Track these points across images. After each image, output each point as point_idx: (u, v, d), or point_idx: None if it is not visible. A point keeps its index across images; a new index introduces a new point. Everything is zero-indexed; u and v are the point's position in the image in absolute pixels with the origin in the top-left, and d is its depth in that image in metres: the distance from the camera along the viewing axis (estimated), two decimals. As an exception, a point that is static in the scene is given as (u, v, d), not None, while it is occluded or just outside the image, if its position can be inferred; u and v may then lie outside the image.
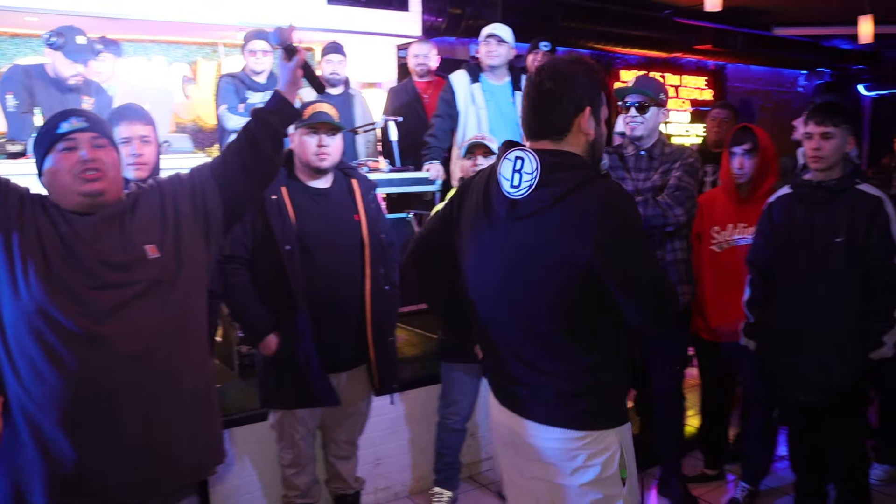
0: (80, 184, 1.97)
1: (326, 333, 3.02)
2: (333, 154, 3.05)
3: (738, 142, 3.56)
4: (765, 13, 9.34)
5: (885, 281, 2.99)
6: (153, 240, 2.05)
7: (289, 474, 3.22)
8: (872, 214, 3.00)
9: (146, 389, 1.99)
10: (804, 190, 3.18)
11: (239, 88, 4.74)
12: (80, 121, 2.01)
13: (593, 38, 8.37)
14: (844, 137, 3.07)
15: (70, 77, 4.05)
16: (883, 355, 3.01)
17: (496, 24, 4.77)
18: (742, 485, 3.78)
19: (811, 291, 3.10)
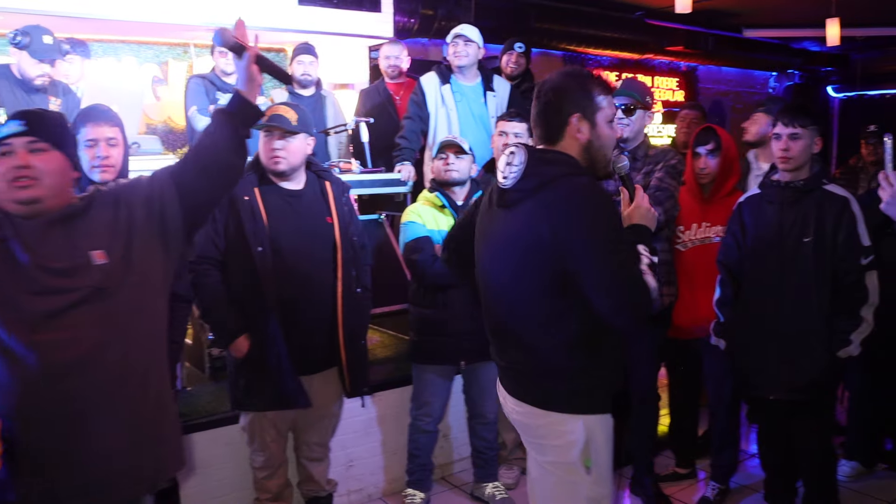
0: (14, 191, 1.91)
1: (298, 335, 3.01)
2: (289, 157, 3.02)
3: (701, 142, 3.62)
4: (735, 15, 9.43)
5: (852, 281, 3.03)
6: (102, 245, 1.97)
7: (260, 477, 3.21)
8: (839, 214, 3.04)
9: (78, 402, 1.92)
10: (772, 190, 3.21)
11: (209, 89, 4.70)
12: (18, 125, 1.93)
13: (566, 39, 8.40)
14: (812, 138, 3.12)
15: (36, 77, 4.00)
16: (850, 353, 3.05)
17: (463, 25, 4.77)
18: (712, 483, 3.81)
19: (780, 291, 3.13)
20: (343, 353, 3.13)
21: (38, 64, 3.98)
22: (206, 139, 2.14)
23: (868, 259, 3.02)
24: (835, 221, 3.05)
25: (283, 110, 3.03)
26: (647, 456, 3.80)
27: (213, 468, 3.45)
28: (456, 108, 4.70)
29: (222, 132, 2.14)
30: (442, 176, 3.54)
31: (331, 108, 5.13)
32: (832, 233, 3.05)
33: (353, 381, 3.19)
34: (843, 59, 11.76)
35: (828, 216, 3.06)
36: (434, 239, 3.47)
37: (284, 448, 3.25)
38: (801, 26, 9.85)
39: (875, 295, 3.02)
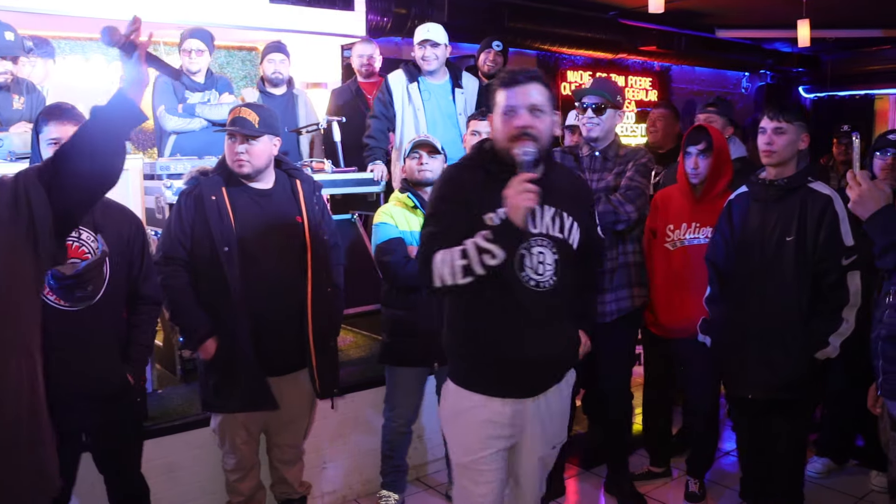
0: None
1: (267, 336, 2.98)
2: (252, 160, 2.98)
3: (692, 141, 3.56)
4: (708, 15, 9.49)
5: (833, 281, 3.00)
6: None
7: (232, 479, 3.17)
8: (822, 213, 3.01)
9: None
10: (757, 188, 3.19)
11: (177, 88, 4.64)
12: None
13: (540, 38, 8.41)
14: (798, 134, 3.09)
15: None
16: (828, 355, 3.04)
17: (428, 27, 4.71)
18: (690, 479, 3.82)
19: (761, 290, 3.12)
20: (313, 353, 3.10)
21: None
22: (82, 140, 1.94)
23: (850, 259, 2.98)
24: (817, 220, 3.02)
25: (245, 112, 2.99)
26: (621, 455, 3.80)
27: (185, 471, 3.41)
28: (423, 106, 4.68)
29: (101, 135, 1.95)
30: (415, 176, 3.51)
31: (302, 107, 5.10)
32: (814, 232, 3.02)
33: (323, 383, 3.16)
34: (813, 60, 11.89)
35: (810, 215, 3.03)
36: (406, 240, 3.44)
37: (256, 450, 3.22)
38: (772, 27, 9.93)
39: (857, 296, 2.99)
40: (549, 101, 2.36)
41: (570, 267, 2.44)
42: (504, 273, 2.29)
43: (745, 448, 3.49)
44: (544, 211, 2.39)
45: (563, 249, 2.42)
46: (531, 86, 2.31)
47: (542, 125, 2.32)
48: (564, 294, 2.44)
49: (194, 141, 4.58)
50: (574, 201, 2.49)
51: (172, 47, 5.11)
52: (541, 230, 2.38)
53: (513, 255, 2.27)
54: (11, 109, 4.04)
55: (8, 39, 3.89)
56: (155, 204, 3.86)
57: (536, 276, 2.37)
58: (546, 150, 2.37)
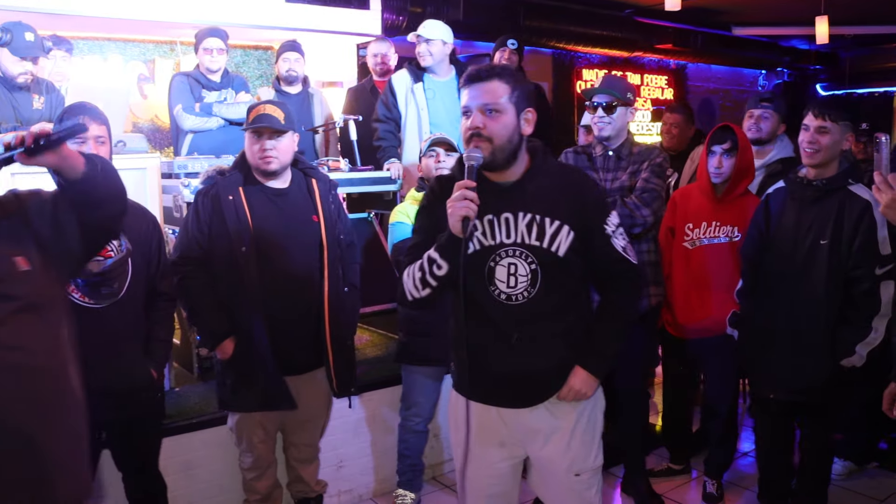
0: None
1: (284, 335, 2.99)
2: (280, 157, 2.99)
3: (718, 140, 3.49)
4: (724, 13, 9.44)
5: (866, 289, 2.93)
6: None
7: (249, 478, 3.18)
8: (859, 218, 2.93)
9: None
10: (795, 187, 3.12)
11: (193, 87, 4.66)
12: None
13: (555, 36, 8.40)
14: (842, 134, 3.00)
15: (18, 75, 3.95)
16: (853, 364, 2.99)
17: (424, 24, 4.69)
18: (708, 480, 3.80)
19: (792, 291, 3.06)
20: (330, 353, 3.10)
21: (19, 61, 3.93)
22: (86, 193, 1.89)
23: (885, 269, 2.90)
24: (854, 225, 2.93)
25: (270, 109, 2.99)
26: (638, 455, 3.78)
27: (202, 469, 3.42)
28: (427, 105, 4.66)
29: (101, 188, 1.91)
30: (433, 174, 3.49)
31: (318, 105, 5.10)
32: (850, 237, 2.94)
33: (340, 382, 3.16)
34: (831, 58, 11.79)
35: (847, 219, 2.94)
36: (422, 239, 3.43)
37: (273, 449, 3.22)
38: (790, 24, 9.87)
39: (888, 306, 2.90)
40: (513, 98, 2.18)
41: (557, 279, 2.24)
42: (474, 286, 2.22)
43: (765, 449, 3.46)
44: (518, 218, 2.23)
45: (544, 259, 2.22)
46: (487, 84, 2.16)
47: (496, 125, 2.15)
48: (548, 308, 2.26)
49: (211, 140, 4.59)
50: (567, 205, 2.25)
51: (189, 47, 5.13)
52: (514, 239, 2.23)
53: (455, 264, 2.14)
54: (31, 109, 4.06)
55: (28, 40, 3.91)
56: (172, 203, 3.87)
57: (508, 288, 2.23)
58: (507, 151, 2.19)
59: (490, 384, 2.33)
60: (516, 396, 2.33)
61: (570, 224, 2.23)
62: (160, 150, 5.84)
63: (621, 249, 2.32)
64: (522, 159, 2.26)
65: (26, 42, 3.90)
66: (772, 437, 3.39)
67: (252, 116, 2.97)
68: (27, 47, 3.91)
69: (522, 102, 2.21)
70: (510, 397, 2.33)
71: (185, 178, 3.85)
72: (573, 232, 2.23)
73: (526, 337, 2.25)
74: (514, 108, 2.18)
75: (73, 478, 1.93)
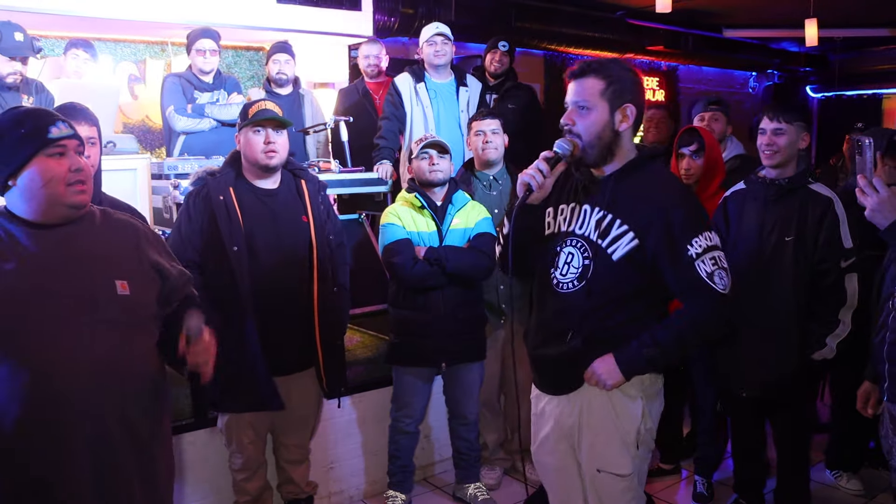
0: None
1: (274, 336, 2.99)
2: (281, 151, 3.01)
3: (685, 143, 3.59)
4: (715, 15, 9.47)
5: (832, 283, 3.03)
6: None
7: (239, 479, 3.18)
8: (822, 215, 3.03)
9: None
10: (757, 187, 3.20)
11: (186, 88, 4.65)
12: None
13: (547, 38, 8.40)
14: (798, 134, 3.10)
15: (7, 75, 3.94)
16: (824, 356, 3.06)
17: (439, 24, 4.77)
18: (698, 478, 3.82)
19: (759, 289, 3.12)
20: (320, 353, 3.11)
21: (8, 62, 3.92)
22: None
23: (849, 261, 3.01)
24: (817, 222, 3.04)
25: (270, 105, 3.02)
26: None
27: (191, 470, 3.41)
28: (431, 105, 4.71)
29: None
30: (426, 177, 3.49)
31: (308, 106, 5.10)
32: (814, 233, 3.04)
33: (331, 382, 3.17)
34: (821, 60, 11.85)
35: (810, 216, 3.05)
36: (413, 240, 3.44)
37: (263, 450, 3.22)
38: (780, 27, 9.91)
39: (854, 298, 3.02)
40: (606, 94, 2.19)
41: (604, 281, 2.24)
42: (545, 267, 2.36)
43: (739, 446, 3.52)
44: (593, 212, 2.27)
45: (598, 257, 2.24)
46: (582, 80, 2.21)
47: (584, 123, 2.20)
48: (587, 306, 2.26)
49: (203, 141, 4.59)
50: (643, 214, 2.21)
51: (180, 47, 5.12)
52: (583, 231, 2.27)
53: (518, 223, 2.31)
54: (23, 110, 4.06)
55: (17, 40, 3.90)
56: (162, 203, 3.86)
57: (560, 276, 2.31)
58: (597, 147, 2.22)
59: (536, 366, 2.47)
60: (553, 380, 2.43)
61: (638, 232, 2.20)
62: (151, 151, 5.82)
63: (705, 275, 2.19)
64: (621, 156, 2.27)
65: (15, 42, 3.89)
66: (745, 433, 3.46)
67: (253, 111, 2.98)
68: (16, 47, 3.90)
69: (618, 98, 2.20)
70: (550, 380, 2.45)
71: (175, 179, 3.84)
72: (637, 241, 2.20)
73: (569, 327, 2.30)
74: (608, 105, 2.20)
75: (169, 470, 2.13)
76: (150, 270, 2.06)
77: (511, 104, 5.01)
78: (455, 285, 3.45)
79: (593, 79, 2.19)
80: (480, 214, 3.57)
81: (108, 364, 1.91)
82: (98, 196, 2.79)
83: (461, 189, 3.62)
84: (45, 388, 1.82)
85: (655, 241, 2.19)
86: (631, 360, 2.24)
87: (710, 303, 2.22)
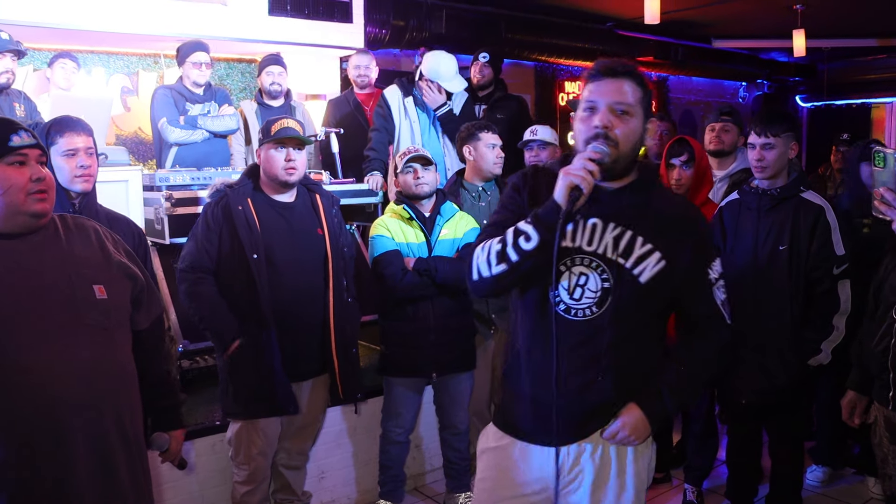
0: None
1: (290, 343, 3.06)
2: (300, 168, 3.10)
3: (675, 153, 3.62)
4: (704, 26, 9.54)
5: (825, 289, 3.07)
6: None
7: (242, 492, 3.17)
8: (814, 223, 3.08)
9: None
10: (750, 197, 3.24)
11: (177, 100, 4.69)
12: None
13: (537, 49, 8.45)
14: (786, 146, 3.15)
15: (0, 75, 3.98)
16: (820, 362, 3.10)
17: (441, 69, 4.79)
18: (688, 487, 3.84)
19: (755, 297, 3.16)
20: (335, 361, 3.18)
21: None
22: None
23: (841, 268, 3.06)
24: (810, 230, 3.08)
25: (292, 123, 3.11)
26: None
27: (186, 480, 3.41)
28: (419, 119, 4.76)
29: None
30: (412, 190, 3.52)
31: (300, 118, 5.12)
32: (807, 241, 3.08)
33: (346, 388, 3.23)
34: (810, 70, 11.94)
35: (803, 224, 3.09)
36: (402, 252, 3.47)
37: (270, 463, 3.24)
38: (768, 37, 9.99)
39: (847, 303, 3.06)
40: (643, 103, 1.94)
41: (629, 306, 1.96)
42: (538, 287, 1.99)
43: (735, 453, 3.54)
44: (607, 228, 1.97)
45: (621, 280, 1.95)
46: (622, 81, 1.92)
47: (626, 129, 1.91)
48: (612, 336, 1.96)
49: (195, 152, 4.62)
50: (668, 232, 1.98)
51: (173, 59, 5.15)
52: (595, 248, 1.97)
53: (551, 237, 1.83)
54: (16, 116, 4.08)
55: (3, 38, 3.92)
56: (154, 215, 3.88)
57: (570, 299, 1.97)
58: (628, 160, 1.95)
59: (525, 407, 2.09)
60: (564, 429, 2.01)
61: (664, 253, 1.96)
62: (143, 163, 5.85)
63: (720, 303, 2.05)
64: (632, 171, 2.02)
65: (2, 40, 3.92)
66: (740, 441, 3.49)
67: (275, 129, 3.05)
68: (3, 43, 3.93)
69: (648, 110, 1.97)
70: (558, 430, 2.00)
71: (167, 191, 3.86)
72: (665, 262, 1.96)
73: (585, 362, 1.98)
74: (644, 114, 1.95)
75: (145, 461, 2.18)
76: (119, 272, 2.10)
77: (500, 114, 5.06)
78: (444, 296, 3.47)
79: (632, 83, 1.93)
80: (469, 225, 3.61)
81: (97, 366, 1.96)
82: (94, 207, 2.82)
83: (449, 200, 3.65)
84: (42, 396, 1.86)
85: (686, 262, 1.99)
86: (661, 412, 2.01)
87: (727, 334, 2.08)
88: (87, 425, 1.92)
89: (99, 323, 1.98)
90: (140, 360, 2.15)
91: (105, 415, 1.97)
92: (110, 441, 1.98)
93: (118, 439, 2.00)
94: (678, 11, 7.98)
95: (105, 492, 1.97)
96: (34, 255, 1.95)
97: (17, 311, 1.87)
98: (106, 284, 2.03)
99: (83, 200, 2.78)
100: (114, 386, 2.01)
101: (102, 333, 1.99)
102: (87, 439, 1.93)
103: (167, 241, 3.79)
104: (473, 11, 7.67)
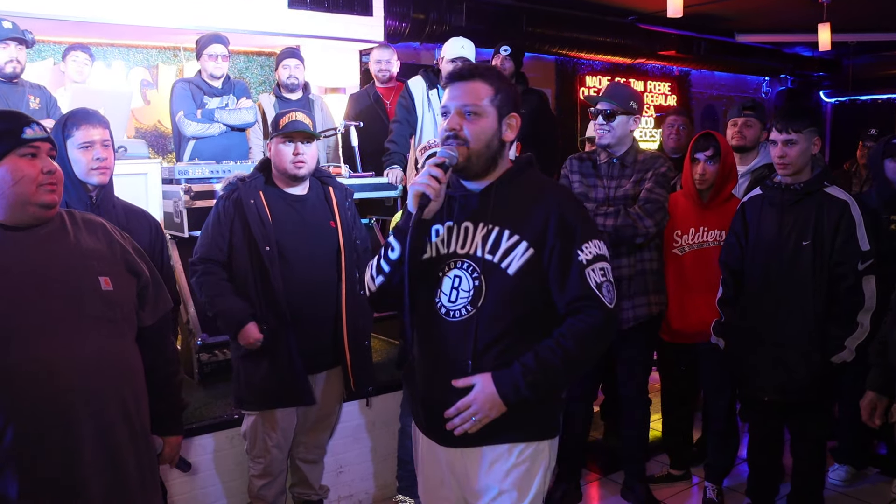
0: None
1: (303, 335, 3.04)
2: (309, 162, 3.07)
3: (700, 148, 3.57)
4: (727, 20, 9.46)
5: (850, 285, 3.03)
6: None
7: (259, 485, 3.16)
8: (838, 218, 3.04)
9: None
10: (773, 192, 3.21)
11: (195, 93, 4.68)
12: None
13: (558, 43, 8.41)
14: (809, 141, 3.10)
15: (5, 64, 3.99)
16: (844, 359, 3.06)
17: (462, 44, 4.70)
18: (709, 485, 3.80)
19: (778, 293, 3.13)
20: (347, 353, 3.16)
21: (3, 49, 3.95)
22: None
23: (866, 264, 3.01)
24: (833, 225, 3.04)
25: (300, 116, 3.08)
26: (637, 461, 3.78)
27: (202, 473, 3.41)
28: None
29: None
30: None
31: (319, 111, 5.12)
32: (831, 237, 3.04)
33: (357, 381, 3.21)
34: (834, 64, 11.81)
35: (827, 220, 3.06)
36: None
37: (286, 456, 3.23)
38: (793, 31, 9.89)
39: (872, 300, 3.02)
40: (496, 101, 2.02)
41: (503, 300, 1.99)
42: (423, 295, 2.06)
43: (756, 451, 3.50)
44: (477, 228, 2.03)
45: (491, 275, 1.99)
46: (469, 83, 2.01)
47: (474, 129, 1.99)
48: (486, 331, 1.99)
49: (213, 145, 4.61)
50: (533, 221, 2.01)
51: (192, 53, 5.15)
52: (467, 250, 2.03)
53: (413, 243, 1.96)
54: (29, 109, 4.09)
55: (6, 27, 3.93)
56: (173, 208, 3.88)
57: (448, 302, 2.03)
58: (484, 157, 2.03)
59: (419, 408, 2.16)
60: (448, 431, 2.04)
61: (531, 241, 1.99)
62: (163, 156, 5.87)
63: (594, 286, 1.98)
64: (502, 167, 2.09)
65: (4, 29, 3.93)
66: (762, 438, 3.45)
67: (283, 123, 3.04)
68: (4, 32, 3.94)
69: (506, 107, 2.04)
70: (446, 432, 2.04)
71: (186, 184, 3.86)
72: (532, 250, 1.98)
73: (466, 361, 2.00)
74: (496, 112, 2.02)
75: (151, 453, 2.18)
76: (125, 267, 2.11)
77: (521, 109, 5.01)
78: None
79: (481, 83, 2.01)
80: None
81: (102, 359, 1.96)
82: (111, 200, 2.81)
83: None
84: (48, 388, 1.86)
85: (551, 245, 1.99)
86: (513, 387, 1.95)
87: (600, 317, 1.98)
88: (93, 416, 1.92)
89: (104, 315, 1.99)
90: (144, 358, 2.15)
91: (111, 406, 1.97)
92: (116, 432, 1.98)
93: (124, 430, 2.01)
94: (701, 5, 7.91)
95: (112, 482, 1.97)
96: (41, 247, 1.95)
97: (24, 304, 1.88)
98: (112, 277, 2.03)
99: (100, 193, 2.77)
100: (119, 378, 2.01)
101: (108, 325, 2.00)
102: (94, 430, 1.93)
103: (186, 234, 3.79)
104: (494, 4, 7.64)
